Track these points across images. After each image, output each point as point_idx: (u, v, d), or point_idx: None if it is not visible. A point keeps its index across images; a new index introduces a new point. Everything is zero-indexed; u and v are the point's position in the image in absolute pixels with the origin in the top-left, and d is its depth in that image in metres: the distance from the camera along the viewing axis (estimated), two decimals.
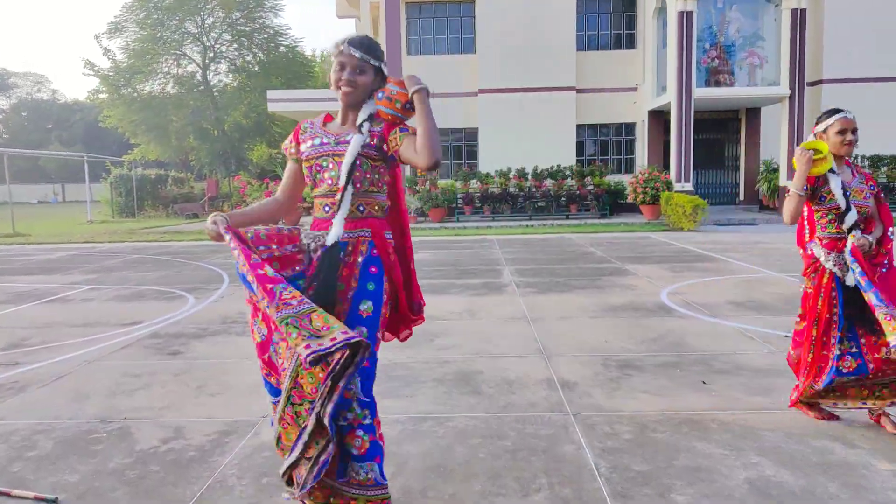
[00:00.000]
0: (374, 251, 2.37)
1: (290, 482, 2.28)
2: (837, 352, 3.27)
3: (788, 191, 3.29)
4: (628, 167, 20.09)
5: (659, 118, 19.04)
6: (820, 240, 3.34)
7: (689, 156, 16.65)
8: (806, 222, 3.45)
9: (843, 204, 3.24)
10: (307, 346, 1.95)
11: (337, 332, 1.99)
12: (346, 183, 2.31)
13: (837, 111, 3.28)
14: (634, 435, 3.29)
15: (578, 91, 19.42)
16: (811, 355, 3.32)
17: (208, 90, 26.98)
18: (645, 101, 19.23)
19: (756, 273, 8.47)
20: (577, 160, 19.64)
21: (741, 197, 20.00)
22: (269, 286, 2.10)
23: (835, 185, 3.25)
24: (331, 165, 2.36)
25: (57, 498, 2.68)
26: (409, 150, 2.27)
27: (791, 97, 16.79)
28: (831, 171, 3.27)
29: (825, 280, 3.29)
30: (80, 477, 2.90)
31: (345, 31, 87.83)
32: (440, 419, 3.54)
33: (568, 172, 18.13)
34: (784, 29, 16.55)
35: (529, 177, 18.12)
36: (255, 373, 4.35)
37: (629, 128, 20.10)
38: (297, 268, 2.34)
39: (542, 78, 19.16)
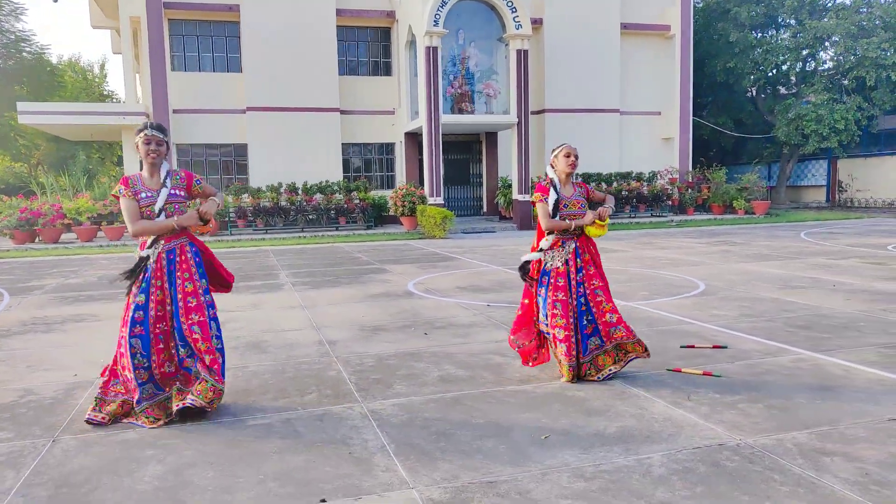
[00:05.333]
0: (195, 247, 3.95)
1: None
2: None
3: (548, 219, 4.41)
4: (390, 183, 22.38)
5: (414, 139, 21.56)
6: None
7: (439, 173, 19.25)
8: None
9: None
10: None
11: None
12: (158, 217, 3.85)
13: (563, 144, 4.52)
14: (375, 363, 5.00)
15: (342, 112, 21.25)
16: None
17: None
18: (401, 124, 21.65)
19: (483, 267, 10.86)
20: (345, 176, 21.45)
21: (484, 209, 23.33)
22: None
23: (552, 199, 4.39)
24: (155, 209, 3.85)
25: None
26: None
27: (519, 124, 20.08)
28: (554, 188, 4.42)
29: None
30: None
31: (99, 40, 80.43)
32: (238, 367, 4.93)
33: (336, 188, 19.80)
34: (511, 66, 19.86)
35: (300, 191, 19.46)
36: (77, 356, 5.28)
37: (389, 147, 22.42)
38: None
39: (308, 99, 20.65)
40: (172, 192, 3.86)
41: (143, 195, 3.81)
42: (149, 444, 3.45)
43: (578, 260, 4.48)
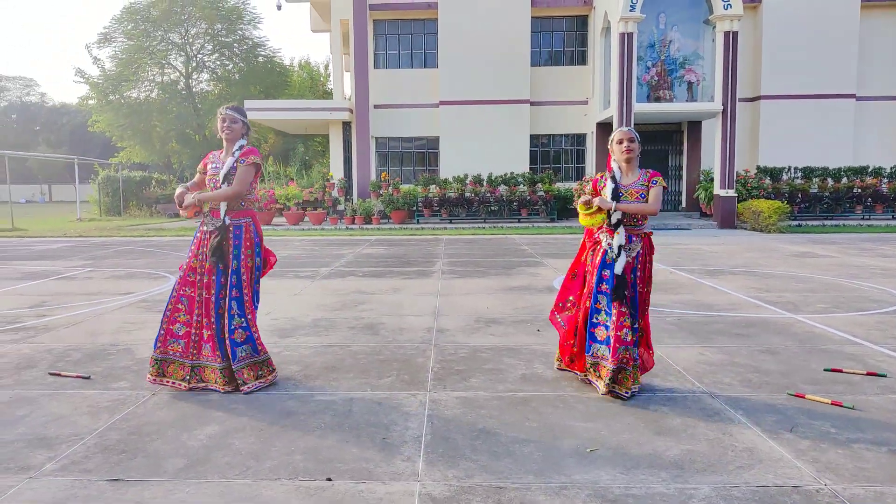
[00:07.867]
0: (256, 230, 4.22)
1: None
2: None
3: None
4: (580, 175, 21.89)
5: (606, 130, 20.81)
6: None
7: None
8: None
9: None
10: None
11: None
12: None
13: (619, 128, 4.17)
14: (468, 354, 4.98)
15: (532, 104, 21.21)
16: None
17: (191, 97, 28.53)
18: (594, 114, 21.04)
19: None
20: (532, 168, 21.42)
21: (683, 204, 21.82)
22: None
23: (608, 189, 4.10)
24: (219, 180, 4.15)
25: (90, 376, 4.32)
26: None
27: (724, 112, 18.44)
28: (612, 178, 4.09)
29: (598, 259, 4.14)
30: (101, 369, 4.55)
31: (319, 43, 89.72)
32: (343, 346, 5.22)
33: (520, 179, 19.86)
34: (718, 49, 18.25)
35: (485, 182, 19.84)
36: None
37: (580, 138, 21.92)
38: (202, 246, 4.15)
39: (499, 91, 20.93)
40: (235, 164, 4.13)
41: (212, 165, 4.21)
42: (221, 406, 3.82)
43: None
